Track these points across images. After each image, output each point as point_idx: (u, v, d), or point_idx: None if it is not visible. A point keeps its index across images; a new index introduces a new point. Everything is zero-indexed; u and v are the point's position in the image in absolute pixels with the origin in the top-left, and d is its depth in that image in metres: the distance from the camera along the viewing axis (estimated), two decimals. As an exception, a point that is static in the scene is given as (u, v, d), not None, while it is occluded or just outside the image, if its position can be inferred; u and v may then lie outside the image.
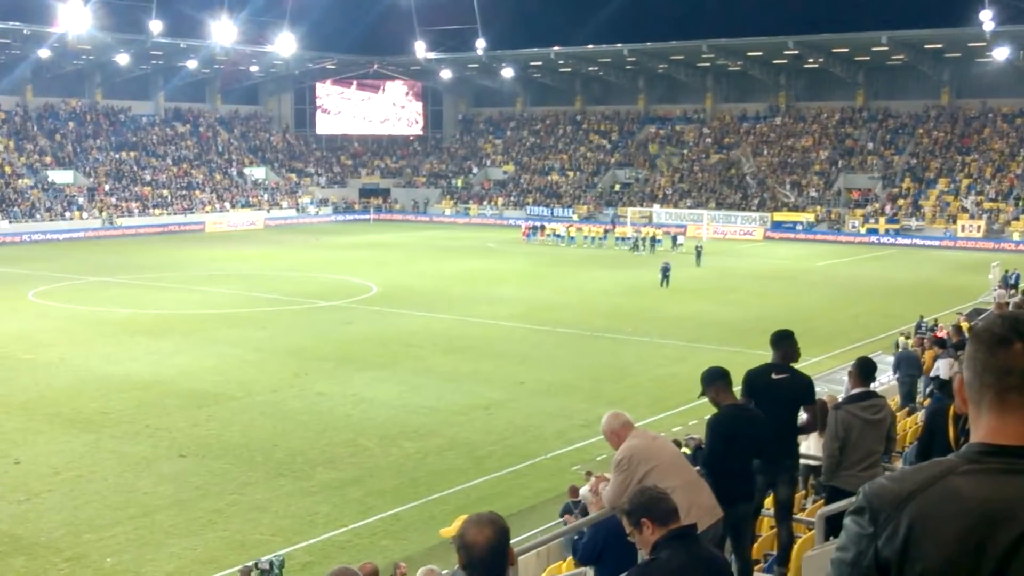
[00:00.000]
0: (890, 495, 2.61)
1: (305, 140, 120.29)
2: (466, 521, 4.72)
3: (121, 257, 68.81)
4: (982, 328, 2.70)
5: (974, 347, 2.68)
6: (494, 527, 4.61)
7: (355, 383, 32.91)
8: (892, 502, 2.59)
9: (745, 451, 8.96)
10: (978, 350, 2.66)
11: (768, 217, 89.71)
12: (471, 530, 4.59)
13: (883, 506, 2.60)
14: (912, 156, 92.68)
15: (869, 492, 2.67)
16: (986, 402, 2.65)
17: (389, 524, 21.24)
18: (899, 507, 2.57)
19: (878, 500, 2.62)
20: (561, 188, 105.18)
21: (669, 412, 28.83)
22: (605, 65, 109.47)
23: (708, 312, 46.53)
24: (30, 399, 30.80)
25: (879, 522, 2.59)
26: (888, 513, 2.59)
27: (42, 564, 18.96)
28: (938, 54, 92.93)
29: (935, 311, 42.03)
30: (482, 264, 66.17)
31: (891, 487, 2.63)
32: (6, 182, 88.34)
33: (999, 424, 2.62)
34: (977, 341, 2.68)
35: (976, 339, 2.68)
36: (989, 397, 2.64)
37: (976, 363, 2.66)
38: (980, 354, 2.65)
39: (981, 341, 2.66)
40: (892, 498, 2.60)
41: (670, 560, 5.44)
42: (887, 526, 2.58)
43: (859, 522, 2.65)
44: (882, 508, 2.60)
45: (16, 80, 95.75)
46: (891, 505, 2.59)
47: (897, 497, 2.59)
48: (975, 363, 2.66)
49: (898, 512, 2.57)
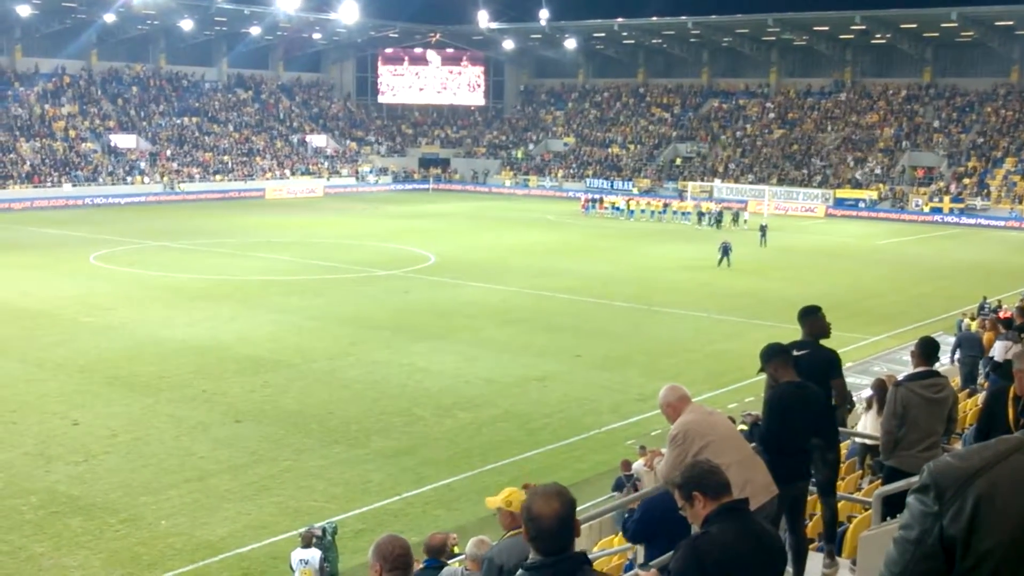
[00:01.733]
0: (956, 472, 2.61)
1: (366, 108, 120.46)
2: (532, 493, 4.70)
3: (181, 222, 69.30)
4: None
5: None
6: (561, 499, 4.59)
7: (411, 352, 32.94)
8: (958, 480, 2.59)
9: (802, 429, 8.81)
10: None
11: (831, 194, 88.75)
12: (538, 502, 4.56)
13: (948, 484, 2.60)
14: (979, 135, 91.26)
15: (934, 470, 2.66)
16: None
17: (442, 494, 21.26)
18: (965, 485, 2.57)
19: (943, 478, 2.62)
20: (621, 161, 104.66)
21: (725, 388, 28.62)
22: (669, 38, 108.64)
23: (767, 288, 46.13)
24: (89, 362, 31.10)
25: (944, 500, 2.59)
26: (954, 491, 2.58)
27: (98, 524, 19.13)
28: (1008, 31, 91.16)
29: (999, 292, 41.45)
30: (540, 236, 66.01)
31: (957, 464, 2.63)
32: (70, 146, 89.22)
33: None
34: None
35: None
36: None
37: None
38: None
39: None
40: (957, 476, 2.60)
41: (721, 533, 5.37)
42: (952, 504, 2.57)
43: (924, 500, 2.64)
44: (948, 486, 2.60)
45: (82, 45, 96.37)
46: (957, 483, 2.59)
47: (963, 475, 2.59)
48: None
49: (964, 490, 2.57)
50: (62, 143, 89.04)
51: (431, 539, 10.23)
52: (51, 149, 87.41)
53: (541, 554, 4.54)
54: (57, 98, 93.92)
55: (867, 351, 33.19)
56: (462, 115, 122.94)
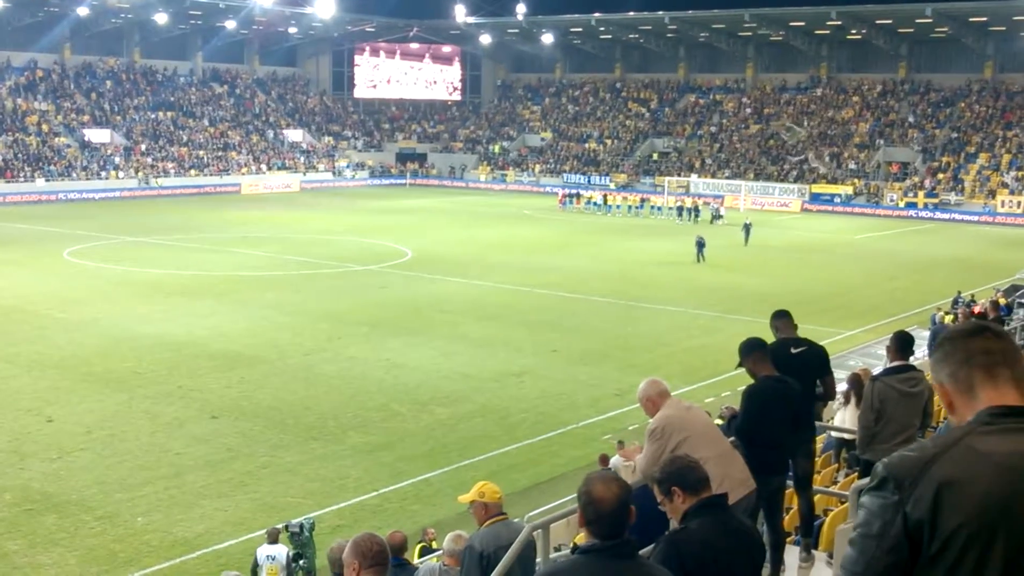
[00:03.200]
0: (912, 461, 2.75)
1: (342, 103, 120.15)
2: (591, 478, 4.77)
3: (157, 218, 69.03)
4: (951, 330, 3.04)
5: (951, 343, 2.98)
6: (620, 484, 4.73)
7: (388, 348, 32.90)
8: (915, 468, 2.73)
9: (780, 423, 8.82)
10: (956, 344, 2.96)
11: (806, 189, 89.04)
12: (599, 486, 4.66)
13: (906, 473, 2.74)
14: (953, 130, 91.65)
15: (889, 463, 2.80)
16: (978, 380, 2.89)
17: (419, 489, 21.25)
18: (923, 471, 2.71)
19: (900, 469, 2.76)
20: (599, 156, 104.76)
21: (702, 383, 28.71)
22: (646, 33, 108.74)
23: (744, 283, 46.24)
24: (63, 358, 30.96)
25: (904, 488, 2.72)
26: (912, 478, 2.72)
27: (73, 522, 19.04)
28: (982, 27, 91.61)
29: (973, 286, 41.70)
30: (517, 231, 66.01)
31: (912, 455, 2.78)
32: (43, 140, 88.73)
33: (996, 394, 2.85)
34: (952, 339, 2.99)
35: (950, 338, 2.99)
36: (980, 375, 2.88)
37: (957, 353, 2.94)
38: (959, 345, 2.95)
39: (956, 338, 2.98)
40: (914, 464, 2.74)
41: (700, 529, 5.43)
42: (913, 491, 2.70)
43: (882, 494, 2.76)
44: (905, 475, 2.73)
45: (55, 38, 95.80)
46: (914, 470, 2.73)
47: (920, 462, 2.74)
48: (956, 354, 2.94)
49: (922, 476, 2.70)
50: (35, 138, 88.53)
51: (391, 538, 10.19)
52: (24, 144, 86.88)
53: (598, 538, 4.60)
54: (30, 92, 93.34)
55: (843, 345, 33.30)
56: (439, 110, 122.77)
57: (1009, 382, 2.85)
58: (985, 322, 2.99)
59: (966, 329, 2.97)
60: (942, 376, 2.97)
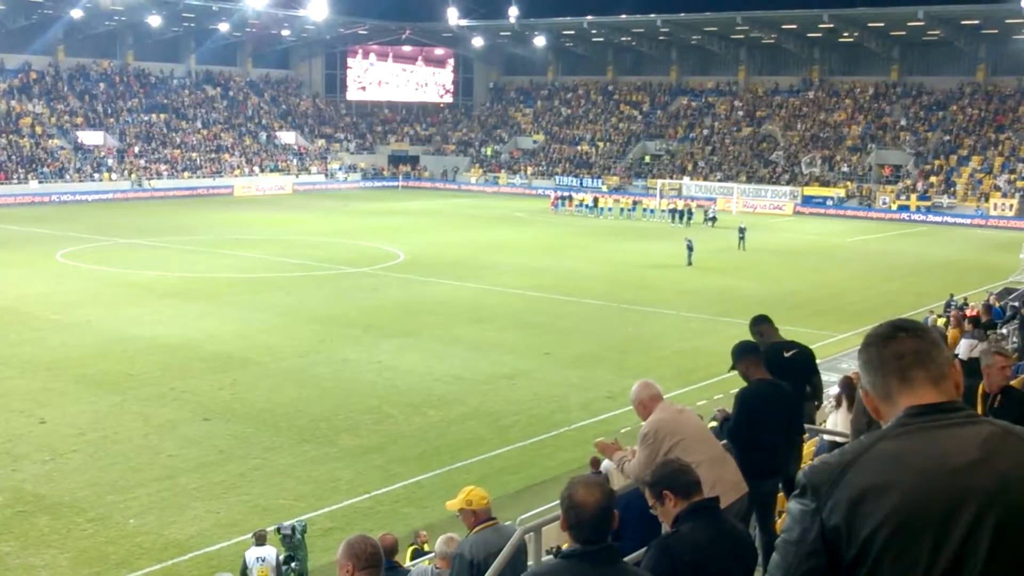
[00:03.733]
0: (828, 468, 2.81)
1: (335, 105, 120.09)
2: (574, 483, 4.78)
3: (150, 220, 68.94)
4: (869, 335, 3.03)
5: (867, 351, 3.00)
6: (603, 489, 4.74)
7: (380, 350, 32.89)
8: (831, 474, 2.79)
9: (773, 426, 8.84)
10: (871, 351, 2.99)
11: (798, 192, 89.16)
12: (580, 491, 4.67)
13: (822, 480, 2.79)
14: (945, 133, 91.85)
15: (808, 470, 2.87)
16: (894, 386, 2.93)
17: (411, 491, 21.24)
18: (838, 478, 2.76)
19: (817, 476, 2.82)
20: (591, 159, 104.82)
21: (694, 385, 28.72)
22: (638, 35, 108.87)
23: (736, 286, 46.26)
24: (56, 359, 30.91)
25: (820, 495, 2.78)
26: (829, 485, 2.77)
27: (66, 524, 19.02)
28: (975, 30, 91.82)
29: (965, 289, 41.72)
30: (510, 234, 66.02)
31: (828, 461, 2.84)
32: (36, 142, 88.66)
33: (912, 396, 2.88)
34: (868, 345, 3.01)
35: (867, 344, 3.01)
36: (895, 382, 2.92)
37: (873, 361, 2.98)
38: (874, 351, 2.98)
39: (872, 344, 3.00)
40: (830, 471, 2.79)
41: (692, 532, 5.44)
42: (829, 498, 2.76)
43: (802, 501, 2.83)
44: (822, 482, 2.79)
45: (48, 41, 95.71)
46: (831, 477, 2.78)
47: (835, 469, 2.79)
48: (872, 361, 2.98)
49: (838, 482, 2.76)
50: (29, 139, 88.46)
51: (381, 540, 10.21)
52: (17, 146, 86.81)
53: (580, 543, 4.62)
54: (24, 94, 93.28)
55: (835, 348, 33.33)
56: (431, 112, 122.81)
57: (925, 383, 2.89)
58: (901, 321, 3.00)
59: (879, 334, 2.99)
60: (865, 384, 3.03)
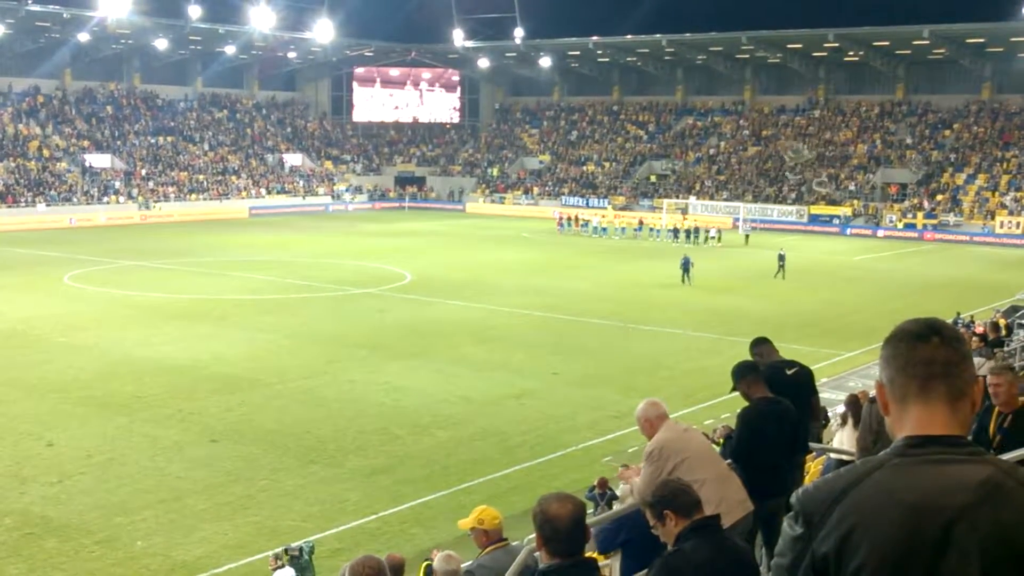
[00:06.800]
0: (821, 496, 2.74)
1: (341, 127, 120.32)
2: (545, 498, 4.82)
3: (156, 242, 69.08)
4: (900, 329, 2.89)
5: (894, 346, 2.86)
6: (574, 502, 4.78)
7: (388, 371, 32.91)
8: (824, 502, 2.72)
9: (776, 444, 8.86)
10: (899, 347, 2.85)
11: (804, 210, 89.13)
12: (553, 505, 4.71)
13: (815, 508, 2.73)
14: (951, 151, 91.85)
15: (801, 496, 2.80)
16: (912, 393, 2.81)
17: (419, 512, 21.24)
18: (831, 506, 2.70)
19: (810, 503, 2.75)
20: (597, 179, 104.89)
21: (701, 405, 28.68)
22: (643, 56, 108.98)
23: (743, 305, 46.25)
24: (64, 382, 30.95)
25: (813, 523, 2.72)
26: (821, 514, 2.71)
27: (73, 546, 19.04)
28: (980, 48, 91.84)
29: (972, 308, 41.66)
30: (516, 254, 66.05)
31: (822, 487, 2.76)
32: (44, 165, 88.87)
33: (925, 413, 2.78)
34: (897, 340, 2.86)
35: (896, 339, 2.87)
36: (915, 388, 2.80)
37: (898, 359, 2.84)
38: (902, 350, 2.83)
39: (901, 340, 2.85)
40: (823, 499, 2.73)
41: (694, 551, 5.44)
42: (821, 527, 2.70)
43: (793, 527, 2.78)
44: (815, 510, 2.73)
45: (55, 64, 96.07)
46: (823, 505, 2.71)
47: (829, 497, 2.72)
48: (897, 359, 2.84)
49: (830, 511, 2.69)
50: (36, 162, 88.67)
51: (388, 559, 10.23)
52: (25, 169, 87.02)
53: (556, 556, 4.62)
54: (31, 117, 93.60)
55: (842, 367, 33.34)
56: (437, 133, 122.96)
57: (942, 398, 2.78)
58: (937, 322, 2.89)
59: (912, 332, 2.85)
60: (882, 377, 2.92)
